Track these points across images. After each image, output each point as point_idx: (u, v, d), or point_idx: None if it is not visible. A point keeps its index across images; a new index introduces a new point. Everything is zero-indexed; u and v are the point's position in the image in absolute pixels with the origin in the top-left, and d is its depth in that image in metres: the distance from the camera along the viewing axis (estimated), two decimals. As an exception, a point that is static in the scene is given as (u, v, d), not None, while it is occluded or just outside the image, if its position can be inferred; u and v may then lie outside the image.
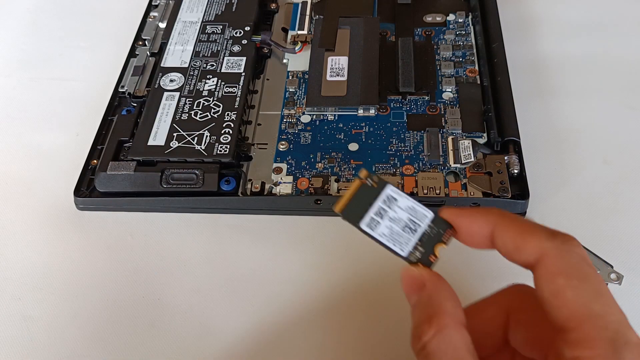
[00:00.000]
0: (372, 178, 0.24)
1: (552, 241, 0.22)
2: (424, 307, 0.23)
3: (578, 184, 0.36)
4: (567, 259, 0.21)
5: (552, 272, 0.21)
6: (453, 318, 0.22)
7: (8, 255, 0.35)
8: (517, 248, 0.22)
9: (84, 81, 0.45)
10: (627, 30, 0.45)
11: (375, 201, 0.24)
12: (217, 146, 0.36)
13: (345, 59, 0.41)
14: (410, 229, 0.24)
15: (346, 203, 0.24)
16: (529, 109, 0.40)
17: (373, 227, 0.24)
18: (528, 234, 0.22)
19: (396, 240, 0.24)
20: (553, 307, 0.21)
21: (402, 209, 0.24)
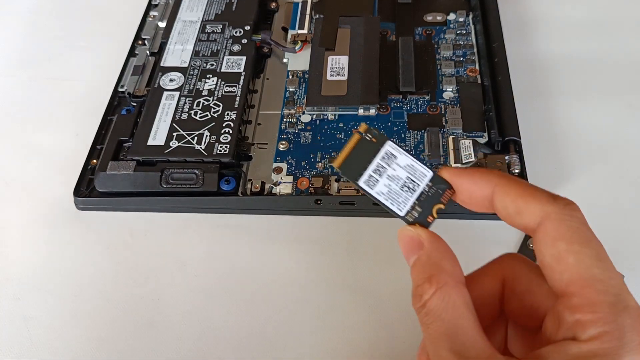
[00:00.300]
0: (371, 132, 0.24)
1: (553, 205, 0.21)
2: (423, 266, 0.23)
3: (578, 184, 0.36)
4: (569, 223, 0.21)
5: (554, 236, 0.21)
6: (452, 276, 0.22)
7: (8, 255, 0.35)
8: (518, 211, 0.22)
9: (84, 81, 0.45)
10: (628, 30, 0.45)
11: (374, 158, 0.23)
12: (217, 146, 0.36)
13: (345, 58, 0.41)
14: (409, 188, 0.23)
15: (344, 158, 0.23)
16: (529, 109, 0.40)
17: (371, 184, 0.23)
18: (529, 196, 0.22)
19: (394, 200, 0.23)
20: (554, 272, 0.21)
21: (401, 166, 0.24)
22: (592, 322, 0.19)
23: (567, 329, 0.20)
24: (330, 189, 0.35)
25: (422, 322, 0.22)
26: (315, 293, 0.33)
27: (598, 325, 0.19)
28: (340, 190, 0.35)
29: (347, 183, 0.35)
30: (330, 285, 0.33)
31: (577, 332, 0.19)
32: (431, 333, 0.21)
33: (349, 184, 0.35)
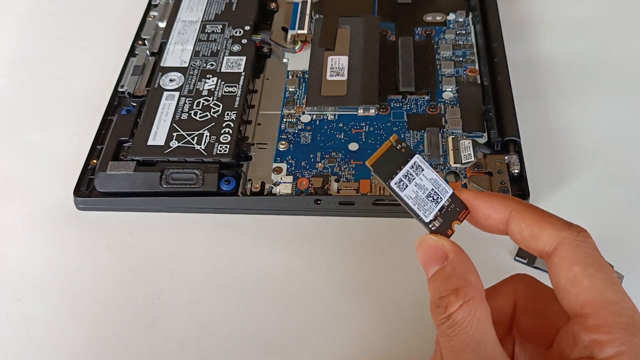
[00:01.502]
0: (401, 144, 0.25)
1: (568, 231, 0.22)
2: (449, 278, 0.23)
3: (578, 184, 0.36)
4: (583, 248, 0.22)
5: (569, 260, 0.22)
6: (478, 291, 0.22)
7: (8, 255, 0.35)
8: (533, 236, 0.23)
9: (84, 81, 0.45)
10: (627, 30, 0.45)
11: (404, 165, 0.25)
12: (217, 146, 0.36)
13: (345, 58, 0.41)
14: (434, 199, 0.24)
15: (377, 159, 0.24)
16: (529, 109, 0.40)
17: (402, 187, 0.24)
18: (545, 223, 0.23)
19: (421, 206, 0.24)
20: (570, 294, 0.21)
21: (427, 179, 0.25)
22: (609, 342, 0.20)
23: (583, 347, 0.20)
24: (330, 189, 0.35)
25: (444, 334, 0.22)
26: (315, 293, 0.33)
27: (615, 345, 0.20)
28: (340, 190, 0.35)
29: (347, 183, 0.35)
30: (330, 286, 0.33)
31: (593, 352, 0.20)
32: (454, 345, 0.22)
33: (349, 184, 0.35)
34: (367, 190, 0.35)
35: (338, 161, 0.36)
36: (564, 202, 0.36)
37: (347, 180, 0.35)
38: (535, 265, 0.33)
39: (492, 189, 0.34)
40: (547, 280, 0.33)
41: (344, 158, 0.36)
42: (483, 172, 0.35)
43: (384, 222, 0.35)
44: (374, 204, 0.35)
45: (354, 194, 0.35)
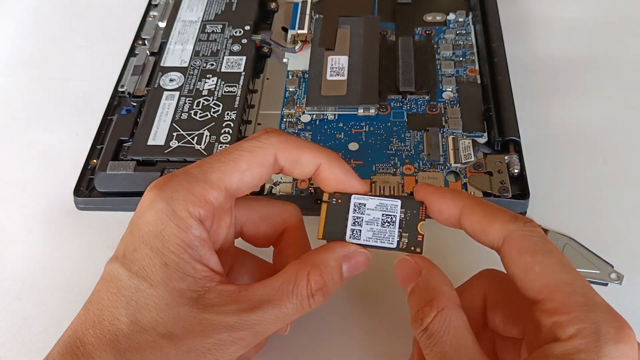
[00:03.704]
0: (334, 196, 0.26)
1: (514, 223, 0.23)
2: (422, 292, 0.24)
3: (578, 184, 0.36)
4: (530, 238, 0.23)
5: (519, 251, 0.23)
6: (450, 299, 0.24)
7: (8, 255, 0.35)
8: (483, 230, 0.24)
9: (84, 81, 0.45)
10: (627, 30, 0.45)
11: (348, 214, 0.26)
12: (217, 146, 0.36)
13: (345, 58, 0.41)
14: (389, 222, 0.26)
15: (324, 227, 0.26)
16: (529, 109, 0.40)
17: (357, 236, 0.25)
18: (493, 217, 0.24)
19: (382, 238, 0.25)
20: (525, 282, 0.22)
21: (373, 209, 0.26)
22: (569, 321, 0.21)
23: (547, 332, 0.21)
24: (330, 188, 0.35)
25: (425, 345, 0.23)
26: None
27: (575, 323, 0.21)
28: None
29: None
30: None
31: (557, 333, 0.21)
32: (435, 355, 0.23)
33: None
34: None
35: (338, 161, 0.36)
36: (564, 202, 0.36)
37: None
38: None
39: (492, 188, 0.34)
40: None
41: (344, 158, 0.36)
42: (483, 172, 0.35)
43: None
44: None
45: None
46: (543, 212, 0.35)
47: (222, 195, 0.24)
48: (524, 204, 0.34)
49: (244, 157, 0.25)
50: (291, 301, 0.23)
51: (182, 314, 0.22)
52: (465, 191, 0.25)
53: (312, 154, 0.26)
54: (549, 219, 0.35)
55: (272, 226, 0.28)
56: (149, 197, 0.24)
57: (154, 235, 0.23)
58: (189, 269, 0.23)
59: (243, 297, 0.23)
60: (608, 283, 0.32)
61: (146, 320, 0.22)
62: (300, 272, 0.24)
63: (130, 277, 0.23)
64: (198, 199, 0.23)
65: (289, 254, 0.27)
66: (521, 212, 0.34)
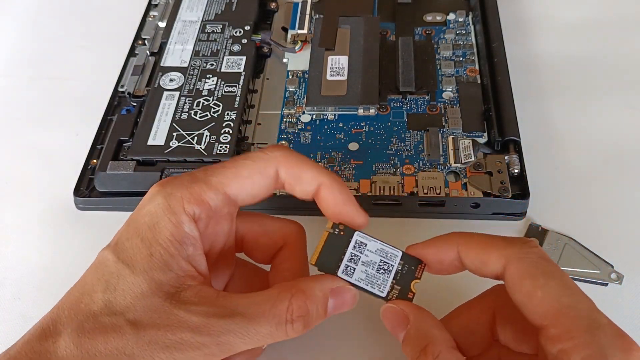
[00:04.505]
0: (338, 227, 0.25)
1: (511, 248, 0.23)
2: (414, 340, 0.24)
3: (578, 184, 0.36)
4: (528, 260, 0.22)
5: (519, 276, 0.22)
6: (444, 343, 0.23)
7: (8, 255, 0.35)
8: (483, 263, 0.23)
9: (84, 81, 0.45)
10: (627, 30, 0.45)
11: (346, 249, 0.25)
12: (217, 146, 0.36)
13: (345, 58, 0.41)
14: (385, 270, 0.25)
15: (319, 255, 0.25)
16: (529, 109, 0.40)
17: (350, 273, 0.25)
18: (489, 246, 0.23)
19: (374, 283, 0.25)
20: (528, 309, 0.22)
21: (373, 252, 0.25)
22: (573, 348, 0.20)
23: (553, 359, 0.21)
24: (330, 188, 0.35)
25: None
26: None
27: (580, 349, 0.20)
28: (340, 190, 0.35)
29: (347, 183, 0.35)
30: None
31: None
32: None
33: (349, 183, 0.35)
34: (367, 190, 0.35)
35: (338, 161, 0.36)
36: (564, 202, 0.36)
37: (347, 180, 0.35)
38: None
39: (492, 188, 0.34)
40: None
41: (344, 158, 0.36)
42: (483, 172, 0.35)
43: (384, 222, 0.35)
44: (374, 204, 0.35)
45: (354, 193, 0.35)
46: (543, 212, 0.35)
47: (219, 198, 0.24)
48: (524, 204, 0.34)
49: (246, 165, 0.25)
50: (267, 321, 0.22)
51: (155, 305, 0.22)
52: (457, 232, 0.25)
53: (314, 173, 0.26)
54: (549, 219, 0.35)
55: (272, 239, 0.28)
56: (151, 192, 0.24)
57: (147, 227, 0.23)
58: (173, 264, 0.23)
59: (219, 302, 0.23)
60: (608, 283, 0.32)
61: (119, 305, 0.22)
62: (283, 293, 0.23)
63: (116, 263, 0.23)
64: (194, 197, 0.24)
65: (284, 268, 0.27)
66: (521, 212, 0.34)
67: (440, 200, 0.34)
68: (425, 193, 0.34)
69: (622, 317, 0.30)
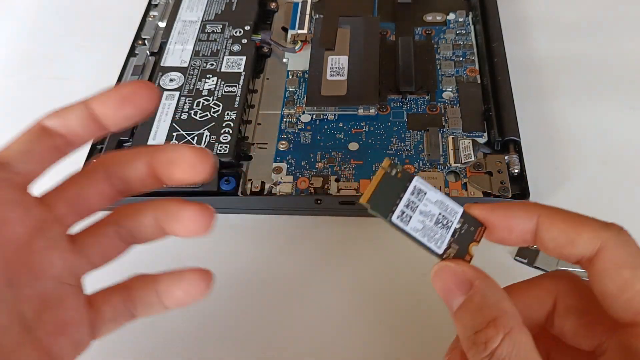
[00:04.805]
0: (396, 168, 0.22)
1: (608, 232, 0.20)
2: (479, 309, 0.20)
3: (578, 184, 0.36)
4: (628, 249, 0.20)
5: (616, 264, 0.20)
6: (516, 319, 0.20)
7: (8, 255, 0.35)
8: (570, 241, 0.21)
9: (84, 81, 0.45)
10: (627, 30, 0.45)
11: (404, 193, 0.22)
12: (217, 146, 0.36)
13: (345, 58, 0.41)
14: (443, 225, 0.22)
15: (372, 193, 0.22)
16: (529, 109, 0.40)
17: (405, 220, 0.22)
18: (582, 225, 0.21)
19: (431, 237, 0.22)
20: (619, 301, 0.19)
21: (432, 202, 0.22)
22: None
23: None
24: (330, 189, 0.35)
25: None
26: (315, 293, 0.33)
27: None
28: (340, 190, 0.35)
29: (347, 183, 0.35)
30: (330, 286, 0.33)
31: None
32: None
33: (349, 183, 0.35)
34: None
35: (338, 161, 0.36)
36: (563, 202, 0.35)
37: (347, 180, 0.35)
38: (536, 265, 0.33)
39: (492, 188, 0.34)
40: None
41: (344, 158, 0.36)
42: (483, 171, 0.35)
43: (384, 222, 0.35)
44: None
45: (354, 194, 0.35)
46: (543, 212, 0.35)
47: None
48: (524, 204, 0.34)
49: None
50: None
51: None
52: (536, 202, 0.22)
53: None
54: (549, 219, 0.34)
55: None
56: None
57: None
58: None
59: None
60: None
61: None
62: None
63: None
64: None
65: None
66: (521, 212, 0.34)
67: (440, 200, 0.34)
68: (425, 193, 0.34)
69: (622, 317, 0.31)
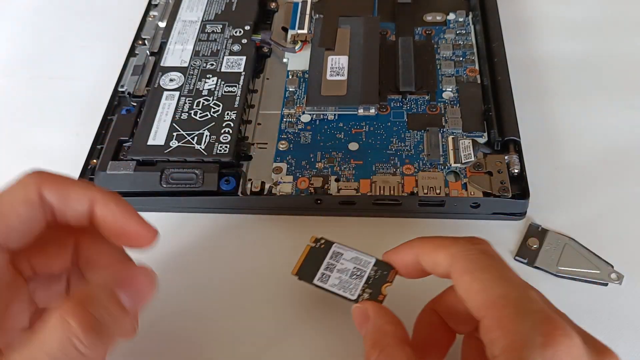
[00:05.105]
0: (320, 241, 0.28)
1: (455, 246, 0.24)
2: (371, 335, 0.25)
3: (578, 184, 0.36)
4: (470, 257, 0.23)
5: (460, 272, 0.23)
6: (394, 337, 0.24)
7: (8, 255, 0.35)
8: (435, 263, 0.24)
9: (84, 80, 0.45)
10: (627, 29, 0.45)
11: (325, 259, 0.28)
12: (217, 146, 0.36)
13: (345, 58, 0.41)
14: (357, 275, 0.27)
15: (300, 266, 0.28)
16: (529, 109, 0.40)
17: (325, 280, 0.27)
18: (438, 247, 0.24)
19: (346, 287, 0.27)
20: (468, 303, 0.22)
21: (348, 260, 0.28)
22: (499, 337, 0.21)
23: (488, 351, 0.21)
24: (330, 189, 0.35)
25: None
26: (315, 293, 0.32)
27: (503, 338, 0.20)
28: (340, 190, 0.35)
29: (347, 183, 0.35)
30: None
31: (493, 351, 0.21)
32: None
33: (349, 183, 0.35)
34: (367, 190, 0.35)
35: (338, 161, 0.36)
36: (564, 202, 0.36)
37: (347, 180, 0.35)
38: (536, 265, 0.33)
39: (492, 188, 0.34)
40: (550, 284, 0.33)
41: (344, 158, 0.36)
42: (483, 171, 0.35)
43: (384, 222, 0.35)
44: (374, 204, 0.35)
45: (354, 193, 0.35)
46: (543, 212, 0.35)
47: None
48: (524, 204, 0.34)
49: (3, 199, 0.23)
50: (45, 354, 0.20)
51: None
52: (419, 237, 0.26)
53: (82, 189, 0.24)
54: (549, 219, 0.35)
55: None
56: None
57: None
58: None
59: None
60: (608, 283, 0.32)
61: None
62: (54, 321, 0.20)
63: None
64: None
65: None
66: (521, 212, 0.34)
67: (440, 200, 0.34)
68: (425, 193, 0.34)
69: (622, 317, 0.31)
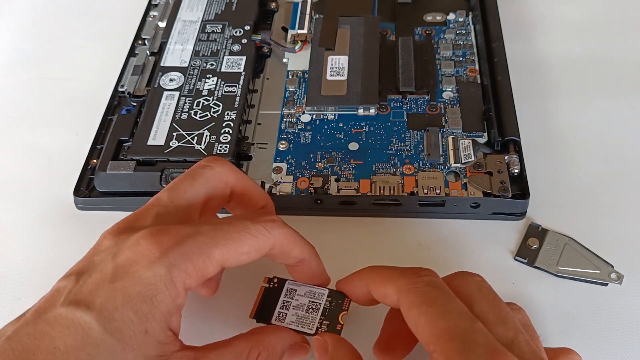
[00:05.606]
0: (273, 281, 0.29)
1: (402, 279, 0.24)
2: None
3: (578, 183, 0.36)
4: (415, 290, 0.23)
5: (407, 305, 0.23)
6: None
7: (8, 256, 0.35)
8: (385, 295, 0.25)
9: (84, 81, 0.45)
10: (628, 29, 0.45)
11: (280, 297, 0.28)
12: (217, 146, 0.36)
13: (345, 58, 0.41)
14: (313, 309, 0.28)
15: (256, 309, 0.28)
16: (529, 109, 0.40)
17: (282, 319, 0.27)
18: (386, 279, 0.24)
19: (304, 323, 0.27)
20: (417, 337, 0.22)
21: (302, 295, 0.28)
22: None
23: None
24: (330, 189, 0.35)
25: None
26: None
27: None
28: (340, 190, 0.35)
29: (347, 183, 0.35)
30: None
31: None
32: None
33: (348, 183, 0.35)
34: (367, 190, 0.35)
35: (338, 161, 0.36)
36: (564, 202, 0.36)
37: (347, 180, 0.35)
38: (536, 265, 0.33)
39: (492, 188, 0.34)
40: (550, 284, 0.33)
41: (344, 158, 0.36)
42: (483, 171, 0.35)
43: (384, 222, 0.35)
44: (374, 204, 0.35)
45: (354, 193, 0.35)
46: (543, 212, 0.35)
47: (216, 270, 0.24)
48: (524, 204, 0.34)
49: (247, 241, 0.25)
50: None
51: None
52: (370, 266, 0.27)
53: (301, 250, 0.27)
54: (549, 219, 0.35)
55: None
56: (150, 256, 0.23)
57: (143, 298, 0.22)
58: (162, 336, 0.23)
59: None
60: (608, 283, 0.32)
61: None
62: (253, 351, 0.25)
63: (102, 334, 0.21)
64: (198, 272, 0.23)
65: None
66: (521, 212, 0.34)
67: (440, 200, 0.34)
68: (425, 193, 0.34)
69: (622, 317, 0.31)
